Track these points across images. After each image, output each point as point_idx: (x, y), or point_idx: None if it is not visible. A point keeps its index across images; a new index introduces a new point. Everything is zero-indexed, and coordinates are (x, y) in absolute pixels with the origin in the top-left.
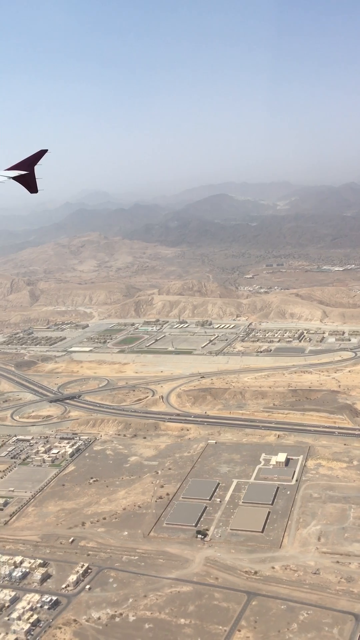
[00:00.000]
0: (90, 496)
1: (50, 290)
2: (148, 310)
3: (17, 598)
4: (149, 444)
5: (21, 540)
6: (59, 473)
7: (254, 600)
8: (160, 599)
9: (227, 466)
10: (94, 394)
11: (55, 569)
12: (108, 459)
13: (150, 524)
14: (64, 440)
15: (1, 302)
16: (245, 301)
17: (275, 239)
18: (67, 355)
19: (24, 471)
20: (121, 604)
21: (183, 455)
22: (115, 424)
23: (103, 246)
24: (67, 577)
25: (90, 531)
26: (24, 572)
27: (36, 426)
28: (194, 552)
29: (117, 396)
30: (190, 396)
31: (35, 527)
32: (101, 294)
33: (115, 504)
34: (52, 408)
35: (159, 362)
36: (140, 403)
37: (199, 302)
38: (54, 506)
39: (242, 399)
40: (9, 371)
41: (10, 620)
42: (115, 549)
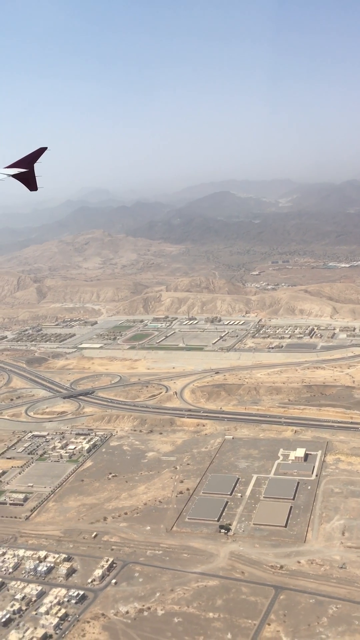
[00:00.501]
0: (110, 491)
1: (57, 287)
2: (156, 307)
3: (43, 592)
4: (166, 440)
5: (44, 535)
6: (77, 469)
7: (282, 594)
8: (188, 593)
9: (246, 461)
10: (107, 390)
11: (80, 564)
12: (125, 455)
13: (172, 518)
14: (80, 436)
15: (8, 299)
16: (254, 298)
17: (280, 236)
18: (77, 351)
19: (42, 467)
20: (148, 598)
21: (201, 451)
22: (131, 419)
23: (107, 243)
24: (93, 572)
25: (112, 526)
26: (48, 566)
27: (51, 422)
28: (218, 546)
29: (131, 392)
30: (204, 392)
31: (56, 522)
32: (109, 291)
33: (136, 499)
34: (66, 404)
35: (171, 359)
36: (155, 399)
37: (207, 298)
38: (74, 501)
39: (257, 394)
40: (20, 368)
41: (38, 615)
42: (139, 543)
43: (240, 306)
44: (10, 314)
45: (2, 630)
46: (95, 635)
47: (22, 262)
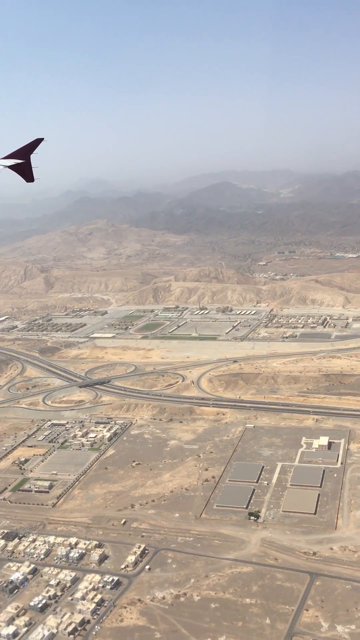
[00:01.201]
0: (135, 479)
1: (64, 277)
2: (166, 297)
3: (77, 578)
4: (187, 428)
5: (72, 522)
6: (99, 456)
7: (317, 580)
8: (222, 579)
9: (269, 449)
10: (123, 379)
11: (111, 550)
12: (147, 443)
13: (200, 506)
14: (100, 424)
15: (15, 289)
16: (264, 287)
17: (284, 226)
18: (89, 341)
19: (64, 455)
20: (183, 584)
21: (223, 439)
22: (150, 408)
23: (111, 234)
24: (125, 558)
25: (140, 513)
26: (80, 553)
27: (69, 411)
28: (249, 533)
29: (147, 381)
30: (221, 381)
31: (84, 509)
32: (117, 281)
33: (162, 487)
34: (83, 393)
35: (184, 348)
36: (172, 388)
37: (217, 288)
38: (99, 489)
39: (275, 383)
40: (33, 357)
41: (74, 600)
42: (169, 530)
43: (251, 296)
44: (18, 304)
45: (39, 615)
46: (134, 621)
47: (26, 252)
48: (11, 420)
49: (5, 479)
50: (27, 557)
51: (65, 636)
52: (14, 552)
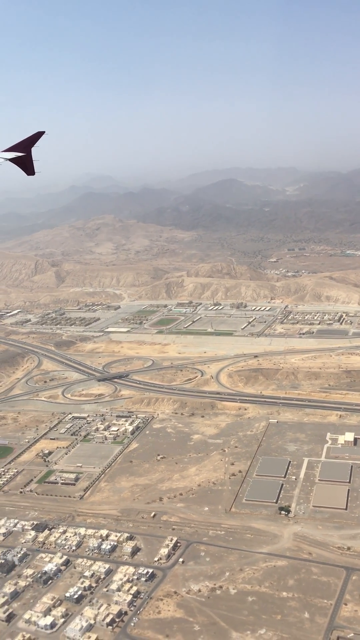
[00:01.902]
0: (161, 472)
1: (75, 271)
2: (179, 292)
3: (111, 570)
4: (209, 423)
5: (101, 514)
6: (123, 450)
7: (354, 575)
8: (257, 573)
9: (294, 445)
10: (141, 373)
11: (143, 543)
12: (170, 437)
13: (229, 500)
14: (121, 418)
15: (26, 283)
16: (278, 284)
17: (292, 223)
18: (104, 335)
19: (87, 448)
20: (219, 577)
21: (246, 434)
22: (171, 402)
23: (118, 229)
24: (158, 551)
25: (169, 506)
26: (112, 545)
27: (90, 404)
28: (281, 527)
29: (166, 376)
30: (241, 376)
31: (112, 502)
32: (129, 276)
33: (189, 481)
34: (102, 387)
35: (200, 343)
36: (191, 383)
37: (231, 284)
38: (126, 482)
39: (295, 379)
40: (49, 350)
41: (110, 592)
42: (200, 523)
43: (265, 292)
44: (30, 298)
45: (75, 606)
46: (171, 613)
47: (34, 246)
48: (32, 413)
49: (30, 471)
50: (58, 549)
51: (103, 627)
52: (45, 544)
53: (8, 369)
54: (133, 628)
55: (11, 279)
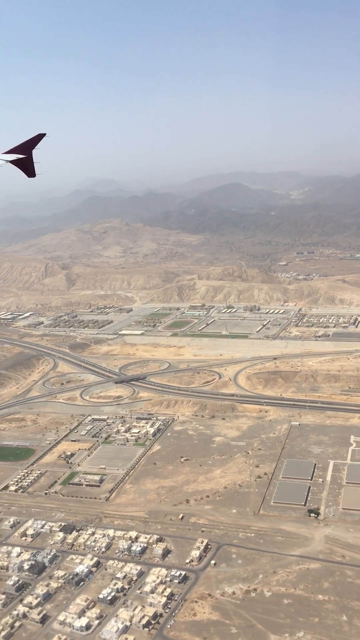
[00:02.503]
0: (186, 475)
1: (86, 274)
2: (191, 295)
3: (142, 572)
4: (230, 425)
5: (128, 516)
6: (146, 452)
7: None
8: (291, 576)
9: (318, 447)
10: (159, 375)
11: (172, 545)
12: (192, 439)
13: (256, 502)
14: (142, 420)
15: (37, 286)
16: (291, 287)
17: (299, 227)
18: (118, 338)
19: (109, 449)
20: (252, 579)
21: (269, 436)
22: (190, 405)
23: (125, 232)
24: (189, 553)
25: (196, 508)
26: (142, 546)
27: (109, 406)
28: (311, 530)
29: (183, 378)
30: (260, 379)
31: (138, 504)
32: (139, 279)
33: (215, 483)
34: (120, 389)
35: (216, 346)
36: (210, 385)
37: (243, 287)
38: (151, 484)
39: (315, 382)
40: (64, 353)
41: (143, 594)
42: (229, 526)
43: (278, 295)
44: (41, 300)
45: (108, 607)
46: (207, 615)
47: (41, 249)
48: (51, 415)
49: (53, 473)
50: (88, 550)
51: (139, 629)
52: (74, 545)
53: (24, 371)
54: (170, 630)
55: (21, 281)
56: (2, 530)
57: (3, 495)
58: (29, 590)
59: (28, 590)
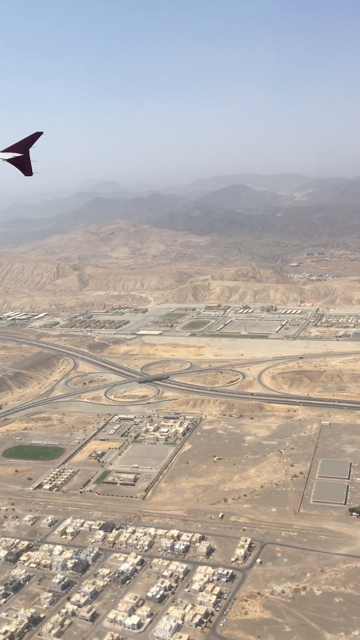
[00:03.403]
0: (220, 473)
1: (98, 275)
2: (206, 296)
3: (188, 570)
4: (259, 424)
5: (167, 515)
6: (177, 451)
7: None
8: (340, 574)
9: (352, 447)
10: (181, 375)
11: (215, 543)
12: (223, 438)
13: (295, 501)
14: (169, 419)
15: (49, 287)
16: (306, 287)
17: (307, 228)
18: (137, 338)
19: (140, 449)
20: (300, 578)
21: (300, 436)
22: (217, 404)
23: (132, 234)
24: (233, 551)
25: (235, 507)
26: (185, 545)
27: (134, 405)
28: (355, 529)
29: (207, 378)
30: (285, 378)
31: (176, 503)
32: (152, 280)
33: (250, 482)
34: (144, 389)
35: (236, 346)
36: (235, 385)
37: (259, 287)
38: (186, 483)
39: (341, 381)
40: (83, 353)
41: (192, 592)
42: (270, 524)
43: (294, 295)
44: (55, 301)
45: (158, 606)
46: (258, 614)
47: (48, 251)
48: (76, 414)
49: (86, 472)
50: (130, 549)
51: (192, 627)
52: (116, 543)
53: (44, 370)
54: (223, 628)
55: (33, 282)
56: (41, 529)
57: (37, 494)
58: (75, 588)
59: (74, 588)
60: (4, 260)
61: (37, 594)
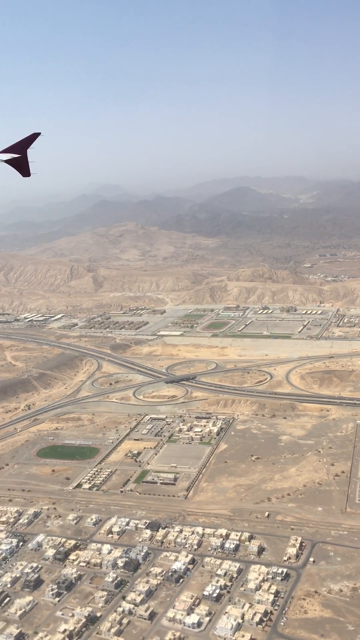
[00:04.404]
0: (260, 473)
1: (112, 276)
2: (223, 297)
3: (241, 569)
4: (293, 424)
5: (212, 514)
6: (214, 450)
7: None
8: None
9: None
10: (208, 375)
11: (265, 542)
12: (258, 438)
13: (340, 500)
14: (202, 419)
15: (63, 288)
16: (325, 288)
17: (316, 230)
18: (158, 339)
19: (175, 448)
20: (356, 577)
21: (337, 435)
22: (248, 404)
23: (141, 236)
24: (284, 550)
25: (280, 506)
26: (235, 544)
27: (164, 405)
28: None
29: (235, 378)
30: (315, 378)
31: (219, 502)
32: (168, 281)
33: (292, 481)
34: (172, 389)
35: (259, 346)
36: (263, 385)
37: (277, 288)
38: (227, 482)
39: None
40: (106, 354)
41: (248, 591)
42: (318, 523)
43: (313, 296)
44: (71, 302)
45: (215, 604)
46: (318, 612)
47: (57, 253)
48: (106, 414)
49: (123, 471)
50: (179, 547)
51: (252, 626)
52: (164, 542)
53: (69, 371)
54: (284, 627)
55: (46, 284)
56: (86, 528)
57: (77, 493)
58: (129, 587)
59: (128, 587)
60: (16, 263)
61: (90, 593)
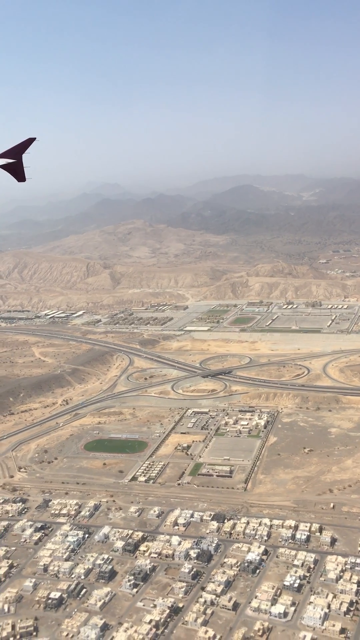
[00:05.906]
0: (317, 465)
1: (130, 273)
2: (245, 292)
3: (317, 560)
4: (340, 417)
5: (275, 506)
6: (264, 443)
7: None
8: None
9: None
10: (243, 370)
11: (335, 533)
12: (307, 431)
13: None
14: (246, 413)
15: (80, 285)
16: (349, 282)
17: (325, 227)
18: (186, 334)
19: (224, 441)
20: None
21: None
22: (291, 397)
23: (150, 233)
24: (358, 541)
25: (343, 498)
26: (306, 535)
27: (205, 399)
28: None
29: (271, 372)
30: (354, 371)
31: (280, 494)
32: (187, 277)
33: (351, 473)
34: (209, 383)
35: (289, 340)
36: (302, 378)
37: (300, 283)
38: (284, 474)
39: None
40: (135, 349)
41: (329, 581)
42: None
43: (337, 291)
44: (91, 299)
45: (298, 595)
46: None
47: (66, 251)
48: (147, 409)
49: (176, 464)
50: (249, 539)
51: (340, 616)
52: (232, 534)
53: (101, 367)
54: None
55: (62, 281)
56: (149, 520)
57: (134, 486)
58: (206, 578)
59: (205, 578)
60: (30, 260)
61: (167, 584)
